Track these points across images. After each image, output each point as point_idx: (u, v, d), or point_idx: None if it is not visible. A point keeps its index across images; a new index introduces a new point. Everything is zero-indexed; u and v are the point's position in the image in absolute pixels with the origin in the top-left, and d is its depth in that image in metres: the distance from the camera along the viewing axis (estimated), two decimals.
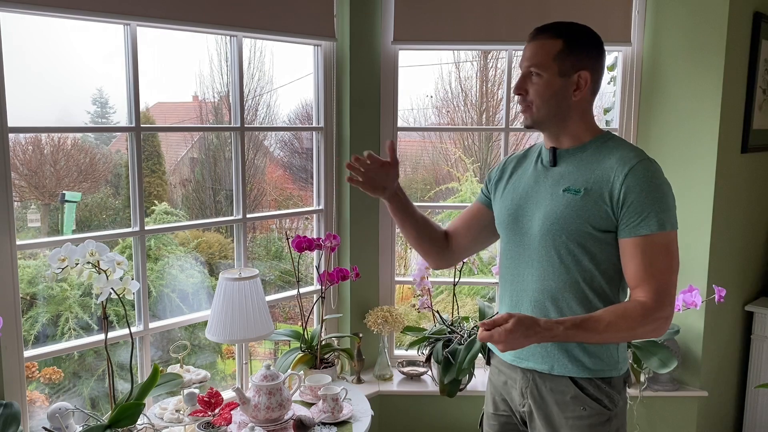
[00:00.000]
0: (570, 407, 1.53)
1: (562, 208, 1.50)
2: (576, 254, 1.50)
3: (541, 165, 1.62)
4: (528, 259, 1.58)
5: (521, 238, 1.59)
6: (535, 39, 1.54)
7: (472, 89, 6.37)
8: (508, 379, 1.66)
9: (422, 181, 6.34)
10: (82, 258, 1.86)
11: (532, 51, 1.53)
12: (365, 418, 2.25)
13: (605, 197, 1.46)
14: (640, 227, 1.43)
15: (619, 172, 1.45)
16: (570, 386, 1.53)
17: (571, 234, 1.49)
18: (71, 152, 4.93)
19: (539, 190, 1.58)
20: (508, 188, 1.67)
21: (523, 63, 1.55)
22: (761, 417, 3.07)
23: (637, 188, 1.42)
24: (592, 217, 1.47)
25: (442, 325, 2.69)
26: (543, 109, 1.53)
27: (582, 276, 1.51)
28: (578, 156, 1.55)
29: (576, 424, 1.53)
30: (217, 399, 2.10)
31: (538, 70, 1.51)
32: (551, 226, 1.51)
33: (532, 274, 1.57)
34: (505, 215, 1.64)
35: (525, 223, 1.59)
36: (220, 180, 5.58)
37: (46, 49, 4.03)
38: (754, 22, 2.70)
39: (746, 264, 3.06)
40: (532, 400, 1.59)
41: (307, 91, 2.73)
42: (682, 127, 2.65)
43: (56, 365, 2.93)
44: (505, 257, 1.66)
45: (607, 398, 1.53)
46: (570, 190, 1.51)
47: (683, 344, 2.73)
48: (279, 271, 5.02)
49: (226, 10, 2.26)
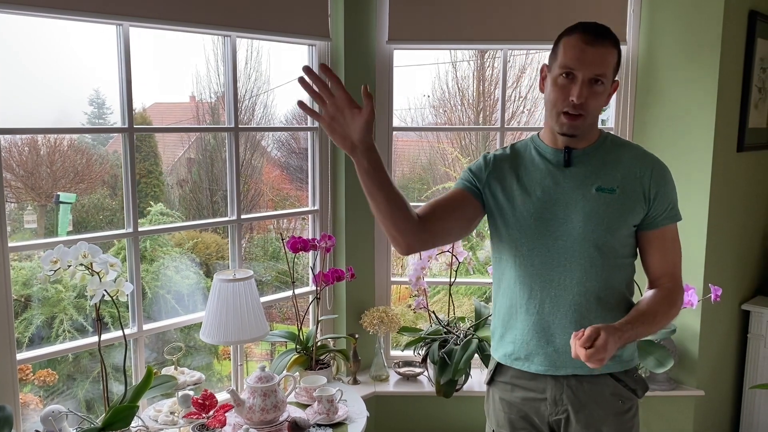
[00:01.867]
0: (610, 403, 1.56)
1: (604, 208, 1.51)
2: (617, 251, 1.54)
3: (552, 165, 1.57)
4: (564, 262, 1.53)
5: (553, 241, 1.53)
6: (599, 45, 1.45)
7: (469, 89, 6.36)
8: (529, 392, 1.61)
9: (419, 180, 6.34)
10: (75, 260, 1.86)
11: (600, 57, 1.45)
12: (361, 419, 2.24)
13: (638, 194, 1.52)
14: (665, 219, 1.54)
15: (645, 168, 1.53)
16: (609, 382, 1.57)
17: (613, 232, 1.52)
18: (68, 153, 4.92)
19: (564, 192, 1.54)
20: (518, 191, 1.57)
21: (586, 68, 1.44)
22: (758, 416, 3.06)
23: (663, 183, 1.53)
24: (629, 214, 1.52)
25: (438, 326, 2.69)
26: (594, 117, 1.52)
27: (621, 272, 1.56)
28: (591, 155, 1.56)
29: (615, 420, 1.56)
30: (211, 401, 2.09)
31: (604, 80, 1.46)
32: (596, 226, 1.51)
33: (571, 277, 1.53)
34: (529, 220, 1.55)
35: (557, 225, 1.53)
36: (217, 180, 5.56)
37: (44, 50, 4.02)
38: (749, 21, 2.69)
39: (742, 263, 3.06)
40: (571, 406, 1.56)
41: (303, 91, 2.72)
42: (677, 125, 2.65)
43: (51, 367, 2.91)
44: (529, 263, 1.56)
45: (638, 386, 1.60)
46: (603, 190, 1.52)
47: (680, 343, 2.73)
48: (276, 271, 5.01)
49: (219, 10, 2.25)
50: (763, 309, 3.02)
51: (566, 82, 1.47)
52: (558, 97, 1.48)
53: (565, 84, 1.47)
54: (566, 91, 1.46)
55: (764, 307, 3.02)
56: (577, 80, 1.45)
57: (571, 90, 1.46)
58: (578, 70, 1.45)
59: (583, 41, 1.45)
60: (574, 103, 1.45)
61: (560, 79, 1.48)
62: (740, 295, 3.08)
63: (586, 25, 1.48)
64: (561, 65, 1.47)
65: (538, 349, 1.57)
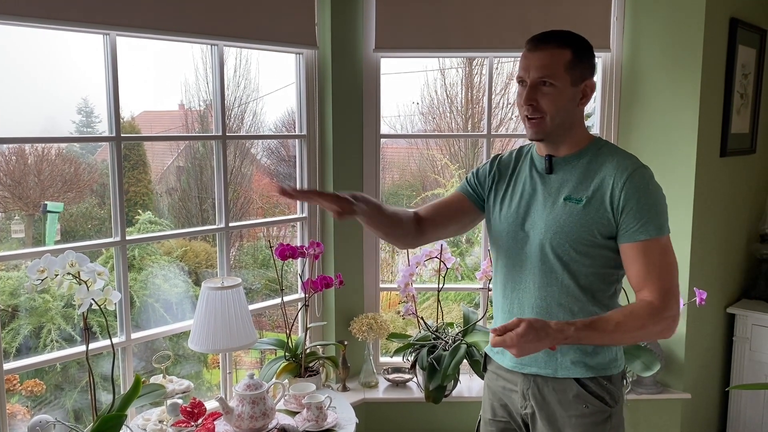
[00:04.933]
0: (573, 405, 1.56)
1: (565, 217, 1.52)
2: (578, 261, 1.53)
3: (536, 172, 1.62)
4: (530, 266, 1.58)
5: (523, 246, 1.59)
6: (541, 48, 1.51)
7: (458, 96, 6.39)
8: (507, 383, 1.67)
9: (409, 187, 6.36)
10: (62, 269, 1.85)
11: (541, 60, 1.49)
12: (350, 426, 2.24)
13: (606, 204, 1.50)
14: (639, 233, 1.47)
15: (618, 179, 1.49)
16: (573, 385, 1.57)
17: (575, 242, 1.52)
18: (56, 162, 4.90)
19: (538, 199, 1.58)
20: (508, 196, 1.65)
21: (530, 73, 1.50)
22: (744, 418, 3.09)
23: (635, 195, 1.47)
24: (595, 226, 1.51)
25: (426, 332, 2.70)
26: (556, 119, 1.52)
27: (583, 282, 1.54)
28: (574, 163, 1.57)
29: (578, 422, 1.55)
30: (200, 409, 2.09)
31: (551, 80, 1.49)
32: (554, 235, 1.53)
33: (534, 282, 1.57)
34: (507, 224, 1.62)
35: (527, 231, 1.58)
36: (206, 188, 5.56)
37: (32, 59, 4.01)
38: (730, 28, 2.74)
39: (727, 267, 3.09)
40: (534, 402, 1.60)
41: (292, 98, 2.74)
42: (661, 132, 2.68)
43: (38, 377, 2.89)
44: (504, 266, 1.64)
45: (608, 395, 1.57)
46: (571, 199, 1.53)
47: (666, 347, 2.75)
48: (266, 279, 5.00)
49: (206, 18, 2.26)
50: (748, 312, 3.05)
51: (521, 90, 1.55)
52: (518, 103, 1.56)
53: (521, 92, 1.55)
54: (521, 98, 1.54)
55: (749, 310, 3.05)
56: (526, 85, 1.53)
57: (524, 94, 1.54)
58: (525, 76, 1.53)
59: (527, 49, 1.54)
60: (527, 107, 1.52)
61: (518, 88, 1.56)
62: (725, 299, 3.12)
63: (533, 36, 1.55)
64: (517, 74, 1.56)
65: None
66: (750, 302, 3.17)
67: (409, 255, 2.76)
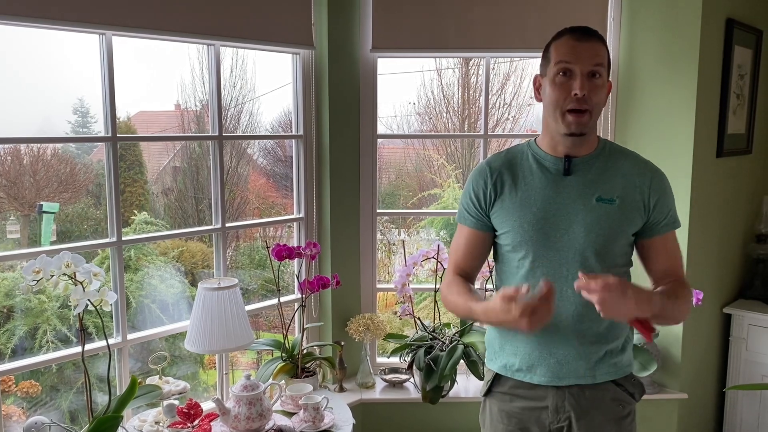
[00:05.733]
0: (611, 408, 1.58)
1: (605, 218, 1.51)
2: (614, 261, 1.55)
3: (550, 174, 1.55)
4: (566, 272, 1.52)
5: (556, 252, 1.52)
6: (590, 40, 1.46)
7: (454, 96, 6.40)
8: (531, 401, 1.59)
9: (406, 188, 6.36)
10: (58, 270, 1.84)
11: (595, 50, 1.44)
12: (347, 426, 2.24)
13: (638, 203, 1.53)
14: (667, 226, 1.56)
15: (646, 177, 1.55)
16: (610, 388, 1.58)
17: (614, 242, 1.53)
18: (51, 162, 4.89)
19: (564, 202, 1.53)
20: (518, 202, 1.56)
21: (583, 62, 1.43)
22: (741, 418, 3.10)
23: (663, 191, 1.56)
24: (629, 224, 1.54)
25: (423, 332, 2.70)
26: (597, 114, 1.50)
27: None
28: (590, 163, 1.55)
29: (616, 423, 1.58)
30: (196, 410, 2.08)
31: (601, 72, 1.45)
32: (597, 236, 1.51)
33: (572, 286, 1.46)
34: (531, 231, 1.53)
35: (559, 236, 1.52)
36: (202, 189, 5.55)
37: (28, 58, 4.00)
38: (726, 29, 2.74)
39: (723, 267, 3.10)
40: (573, 413, 1.56)
41: (289, 99, 2.73)
42: (657, 131, 2.69)
43: (34, 378, 2.88)
44: (531, 274, 1.54)
45: (637, 390, 1.63)
46: (604, 200, 1.52)
47: (663, 347, 2.75)
48: (263, 279, 5.00)
49: (202, 18, 2.25)
50: (745, 312, 3.05)
51: (564, 79, 1.46)
52: (559, 95, 1.46)
53: (564, 81, 1.46)
54: (566, 87, 1.45)
55: (745, 310, 3.06)
56: (575, 74, 1.45)
57: (572, 85, 1.45)
58: (575, 64, 1.44)
59: (574, 39, 1.47)
60: (578, 97, 1.44)
61: (558, 77, 1.47)
62: (722, 299, 3.12)
63: (574, 27, 1.50)
64: (556, 62, 1.47)
65: (541, 361, 1.57)
66: (746, 302, 3.17)
67: (406, 255, 2.75)
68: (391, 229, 5.67)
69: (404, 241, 5.25)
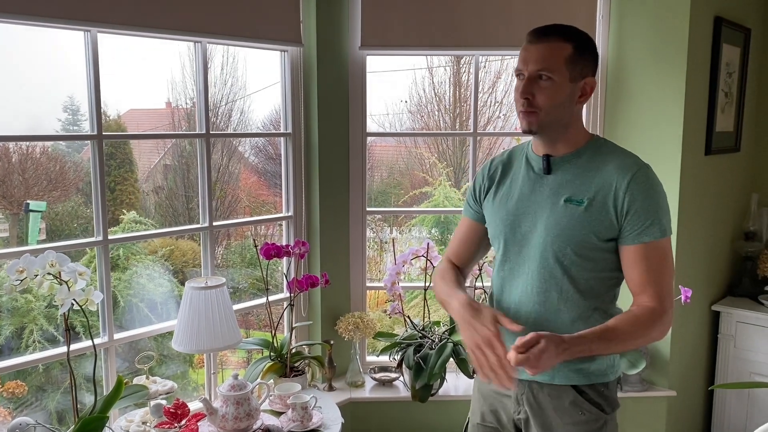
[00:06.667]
0: (568, 412, 1.53)
1: (567, 220, 1.48)
2: (579, 265, 1.49)
3: (533, 172, 1.57)
4: (528, 270, 1.54)
5: (520, 249, 1.55)
6: (542, 41, 1.46)
7: (446, 94, 6.40)
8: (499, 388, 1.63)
9: (397, 185, 6.35)
10: (42, 269, 1.83)
11: (541, 53, 1.45)
12: (335, 425, 2.23)
13: (609, 207, 1.46)
14: (644, 234, 1.44)
15: (621, 180, 1.45)
16: (569, 392, 1.53)
17: (576, 245, 1.48)
18: (40, 160, 4.86)
19: (536, 200, 1.54)
20: (499, 197, 1.61)
21: (529, 65, 1.46)
22: (729, 415, 3.11)
23: (640, 196, 1.44)
24: (597, 228, 1.47)
25: (413, 330, 2.69)
26: (551, 115, 1.47)
27: (583, 287, 1.51)
28: (573, 163, 1.52)
29: (574, 429, 1.53)
30: (183, 410, 2.07)
31: (549, 74, 1.44)
32: (555, 238, 1.48)
33: (531, 286, 1.53)
34: (501, 226, 1.58)
35: (524, 234, 1.54)
36: (193, 187, 5.53)
37: (17, 56, 3.97)
38: (714, 27, 2.75)
39: (712, 264, 3.11)
40: (529, 408, 1.57)
41: (278, 97, 2.72)
42: (646, 130, 2.69)
43: (20, 379, 2.86)
44: (502, 268, 1.61)
45: (605, 402, 1.55)
46: (572, 201, 1.48)
47: (651, 345, 2.76)
48: (253, 278, 4.98)
49: (189, 15, 2.24)
50: (733, 309, 3.07)
51: (519, 83, 1.50)
52: (516, 97, 1.52)
53: (518, 85, 1.50)
54: (518, 91, 1.50)
55: (734, 308, 3.07)
56: (524, 77, 1.48)
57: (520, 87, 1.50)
58: (523, 69, 1.48)
59: (528, 41, 1.49)
60: (522, 100, 1.48)
61: (516, 82, 1.52)
62: (710, 297, 3.14)
63: (534, 29, 1.51)
64: (516, 66, 1.52)
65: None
66: (735, 300, 3.19)
67: (396, 253, 2.75)
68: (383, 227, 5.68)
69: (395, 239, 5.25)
